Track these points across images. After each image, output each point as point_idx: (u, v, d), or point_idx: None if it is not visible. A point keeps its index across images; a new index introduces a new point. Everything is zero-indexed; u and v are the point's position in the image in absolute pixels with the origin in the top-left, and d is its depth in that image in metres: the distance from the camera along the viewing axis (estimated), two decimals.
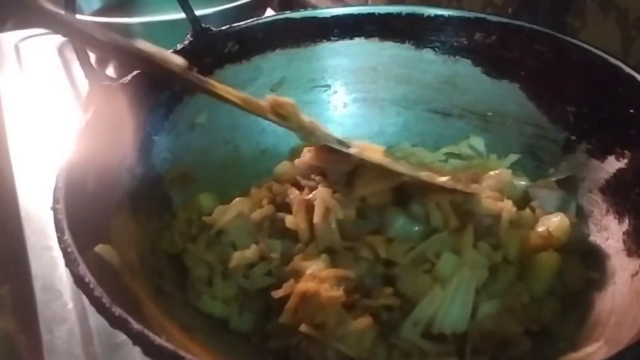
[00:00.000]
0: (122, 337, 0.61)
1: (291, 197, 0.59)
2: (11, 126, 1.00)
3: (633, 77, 0.56)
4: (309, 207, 0.56)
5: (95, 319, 0.65)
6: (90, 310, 0.66)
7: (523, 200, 0.61)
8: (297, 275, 0.52)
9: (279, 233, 0.57)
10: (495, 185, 0.62)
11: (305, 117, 0.58)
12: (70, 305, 0.68)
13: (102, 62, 1.12)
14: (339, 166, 0.60)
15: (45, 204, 0.45)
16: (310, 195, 0.57)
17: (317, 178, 0.60)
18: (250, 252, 0.55)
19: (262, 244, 0.55)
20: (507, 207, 0.56)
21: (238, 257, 0.55)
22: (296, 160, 0.64)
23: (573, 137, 0.62)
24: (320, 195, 0.56)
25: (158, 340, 0.34)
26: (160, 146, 0.62)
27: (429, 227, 0.55)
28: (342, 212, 0.55)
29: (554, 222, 0.55)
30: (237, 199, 0.59)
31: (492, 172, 0.64)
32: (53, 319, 0.66)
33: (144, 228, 0.55)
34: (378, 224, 0.56)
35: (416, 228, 0.55)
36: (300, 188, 0.60)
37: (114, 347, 0.62)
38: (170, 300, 0.51)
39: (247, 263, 0.55)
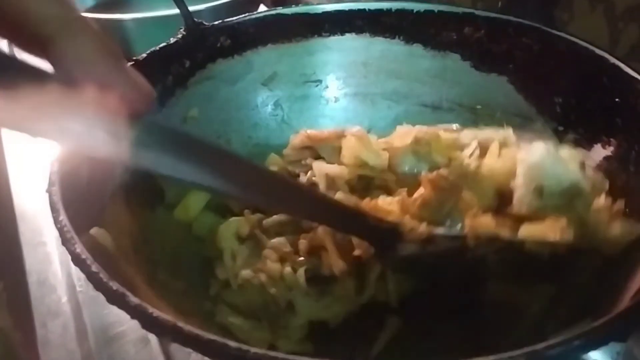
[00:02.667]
0: (116, 330, 0.63)
1: None
2: None
3: (618, 67, 0.57)
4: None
5: (90, 313, 0.66)
6: (85, 305, 0.67)
7: None
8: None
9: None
10: None
11: None
12: (65, 299, 0.68)
13: None
14: (331, 142, 0.61)
15: (39, 200, 0.46)
16: (308, 175, 0.58)
17: (308, 160, 0.61)
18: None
19: None
20: None
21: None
22: (284, 150, 0.64)
23: (560, 128, 0.63)
24: (317, 169, 0.56)
25: (157, 312, 0.34)
26: None
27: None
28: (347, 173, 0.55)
29: None
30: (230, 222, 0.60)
31: None
32: (47, 313, 0.67)
33: (138, 218, 0.56)
34: None
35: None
36: (295, 177, 0.61)
37: (108, 340, 0.63)
38: (165, 287, 0.51)
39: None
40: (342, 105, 0.76)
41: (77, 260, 0.37)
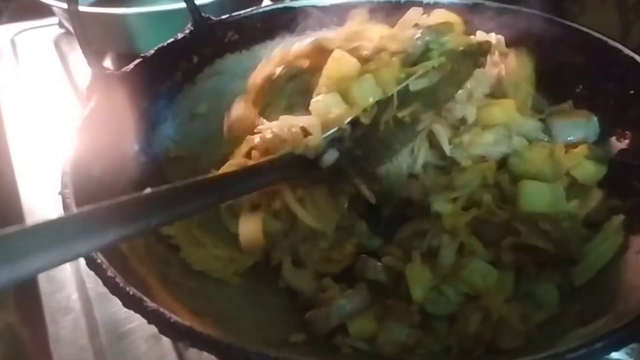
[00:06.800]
0: (127, 326, 0.63)
1: None
2: (9, 120, 0.99)
3: (632, 58, 0.56)
4: None
5: (100, 309, 0.66)
6: (95, 300, 0.67)
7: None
8: None
9: None
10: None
11: None
12: (75, 295, 0.68)
13: (99, 54, 1.12)
14: None
15: (46, 196, 0.45)
16: None
17: None
18: None
19: None
20: None
21: None
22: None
23: None
24: None
25: (174, 317, 0.34)
26: (162, 135, 0.63)
27: None
28: None
29: None
30: None
31: None
32: (58, 310, 0.67)
33: None
34: None
35: None
36: None
37: (119, 336, 0.63)
38: (177, 287, 0.51)
39: None
40: None
41: (92, 264, 0.37)
